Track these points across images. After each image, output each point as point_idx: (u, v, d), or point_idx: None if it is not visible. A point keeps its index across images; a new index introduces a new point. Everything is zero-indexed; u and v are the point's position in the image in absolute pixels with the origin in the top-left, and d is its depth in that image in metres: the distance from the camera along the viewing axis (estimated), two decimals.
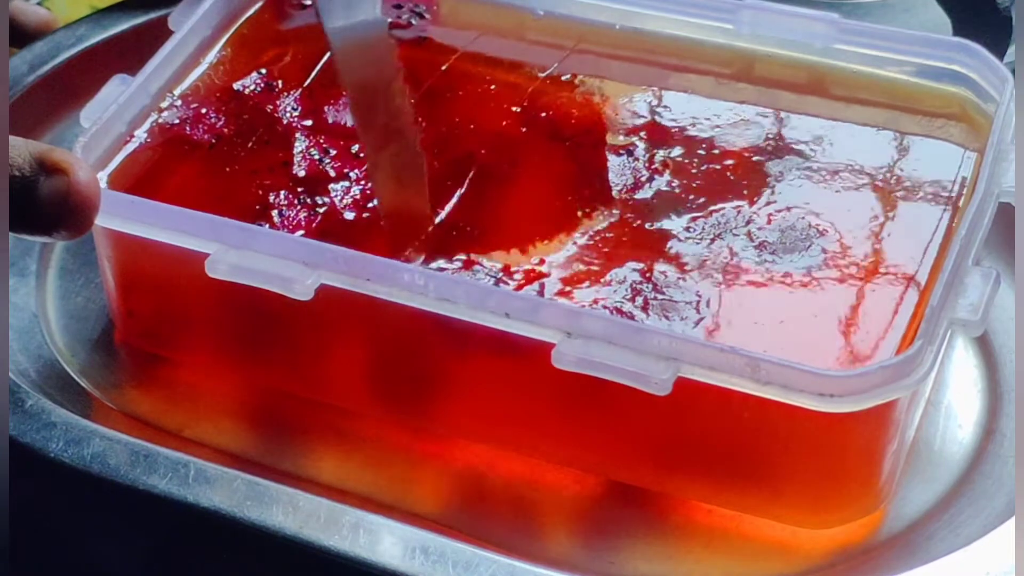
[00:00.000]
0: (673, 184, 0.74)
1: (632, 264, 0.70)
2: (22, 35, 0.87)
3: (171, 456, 0.69)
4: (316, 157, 0.75)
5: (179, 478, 0.68)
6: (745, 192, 0.74)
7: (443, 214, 0.73)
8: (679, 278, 0.70)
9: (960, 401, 0.74)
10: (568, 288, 0.70)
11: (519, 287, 0.70)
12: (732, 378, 0.64)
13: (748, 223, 0.72)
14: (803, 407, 0.64)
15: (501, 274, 0.70)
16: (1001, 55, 0.80)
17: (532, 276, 0.70)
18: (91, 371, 0.77)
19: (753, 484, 0.68)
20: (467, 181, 0.74)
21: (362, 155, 0.74)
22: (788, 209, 0.73)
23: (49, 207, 0.63)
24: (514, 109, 0.78)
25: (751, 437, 0.66)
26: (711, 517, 0.69)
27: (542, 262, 0.71)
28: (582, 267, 0.70)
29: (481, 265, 0.70)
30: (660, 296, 0.69)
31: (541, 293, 0.69)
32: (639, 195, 0.74)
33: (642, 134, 0.77)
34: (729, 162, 0.75)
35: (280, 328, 0.72)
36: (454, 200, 0.74)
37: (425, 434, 0.73)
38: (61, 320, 0.79)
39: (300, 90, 0.79)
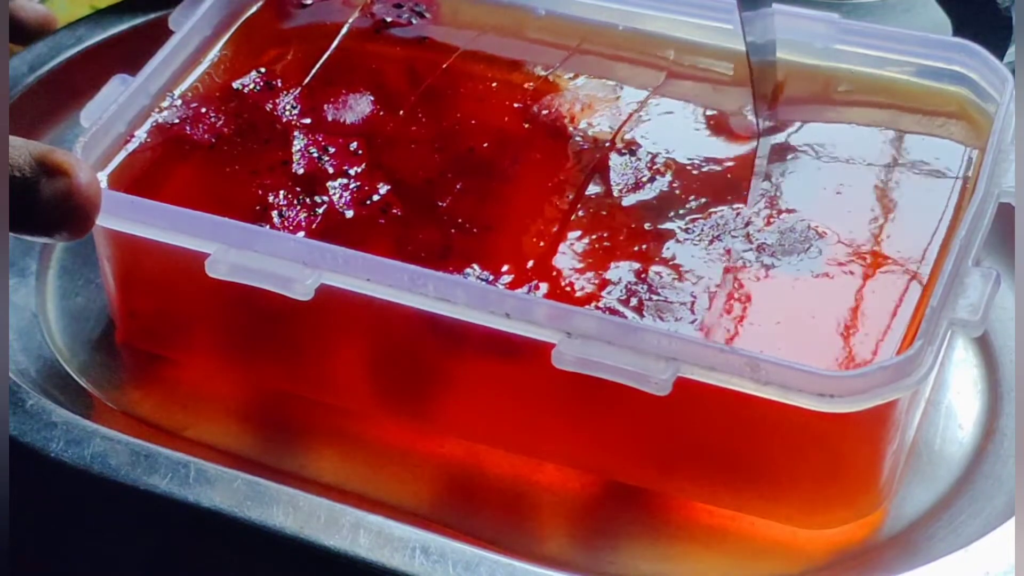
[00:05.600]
0: (674, 185, 0.74)
1: (632, 265, 0.70)
2: (22, 32, 0.87)
3: (171, 456, 0.69)
4: (316, 156, 0.75)
5: (179, 478, 0.68)
6: (745, 193, 0.74)
7: (443, 212, 0.73)
8: (679, 279, 0.70)
9: (960, 401, 0.74)
10: (568, 288, 0.70)
11: (519, 287, 0.70)
12: (732, 378, 0.64)
13: (747, 224, 0.72)
14: (803, 407, 0.64)
15: (501, 273, 0.70)
16: (1001, 55, 0.81)
17: (532, 275, 0.70)
18: (91, 371, 0.77)
19: (753, 484, 0.68)
20: (467, 178, 0.74)
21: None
22: (788, 211, 0.73)
23: (51, 208, 0.63)
24: (515, 107, 0.78)
25: (751, 437, 0.67)
26: (711, 517, 0.69)
27: (542, 261, 0.71)
28: (582, 267, 0.70)
29: (481, 264, 0.70)
30: (660, 297, 0.69)
31: (541, 293, 0.69)
32: (640, 195, 0.74)
33: (643, 135, 0.77)
34: (729, 163, 0.75)
35: (280, 328, 0.72)
36: (453, 197, 0.74)
37: (425, 434, 0.73)
38: (61, 320, 0.79)
39: (300, 89, 0.79)
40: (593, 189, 0.74)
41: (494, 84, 0.79)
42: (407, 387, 0.72)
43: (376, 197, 0.74)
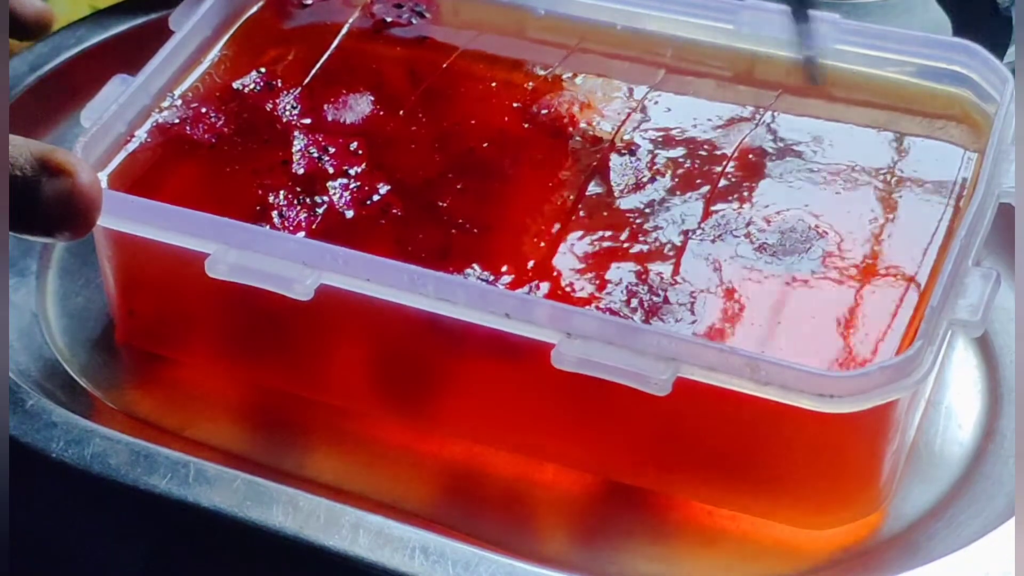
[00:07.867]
0: (673, 185, 0.74)
1: (632, 265, 0.70)
2: (19, 28, 0.87)
3: (171, 456, 0.69)
4: (316, 156, 0.75)
5: (179, 478, 0.68)
6: (745, 193, 0.74)
7: (443, 213, 0.73)
8: (679, 279, 0.70)
9: (960, 401, 0.74)
10: (568, 288, 0.70)
11: (519, 287, 0.70)
12: (732, 379, 0.64)
13: (748, 225, 0.72)
14: (803, 408, 0.64)
15: (501, 273, 0.70)
16: (1001, 55, 0.81)
17: (532, 276, 0.70)
18: (91, 371, 0.77)
19: (753, 485, 0.68)
20: (467, 178, 0.74)
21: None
22: (788, 211, 0.73)
23: (51, 208, 0.63)
24: (515, 107, 0.78)
25: (751, 438, 0.67)
26: (711, 517, 0.69)
27: (542, 262, 0.71)
28: (582, 267, 0.71)
29: (481, 264, 0.70)
30: (660, 297, 0.69)
31: (541, 293, 0.69)
32: (640, 195, 0.74)
33: (643, 134, 0.77)
34: (729, 163, 0.75)
35: (280, 328, 0.72)
36: (453, 197, 0.74)
37: (425, 434, 0.73)
38: (61, 320, 0.79)
39: (300, 89, 0.79)
40: (593, 189, 0.74)
41: (494, 84, 0.79)
42: (407, 387, 0.72)
43: (376, 197, 0.74)
